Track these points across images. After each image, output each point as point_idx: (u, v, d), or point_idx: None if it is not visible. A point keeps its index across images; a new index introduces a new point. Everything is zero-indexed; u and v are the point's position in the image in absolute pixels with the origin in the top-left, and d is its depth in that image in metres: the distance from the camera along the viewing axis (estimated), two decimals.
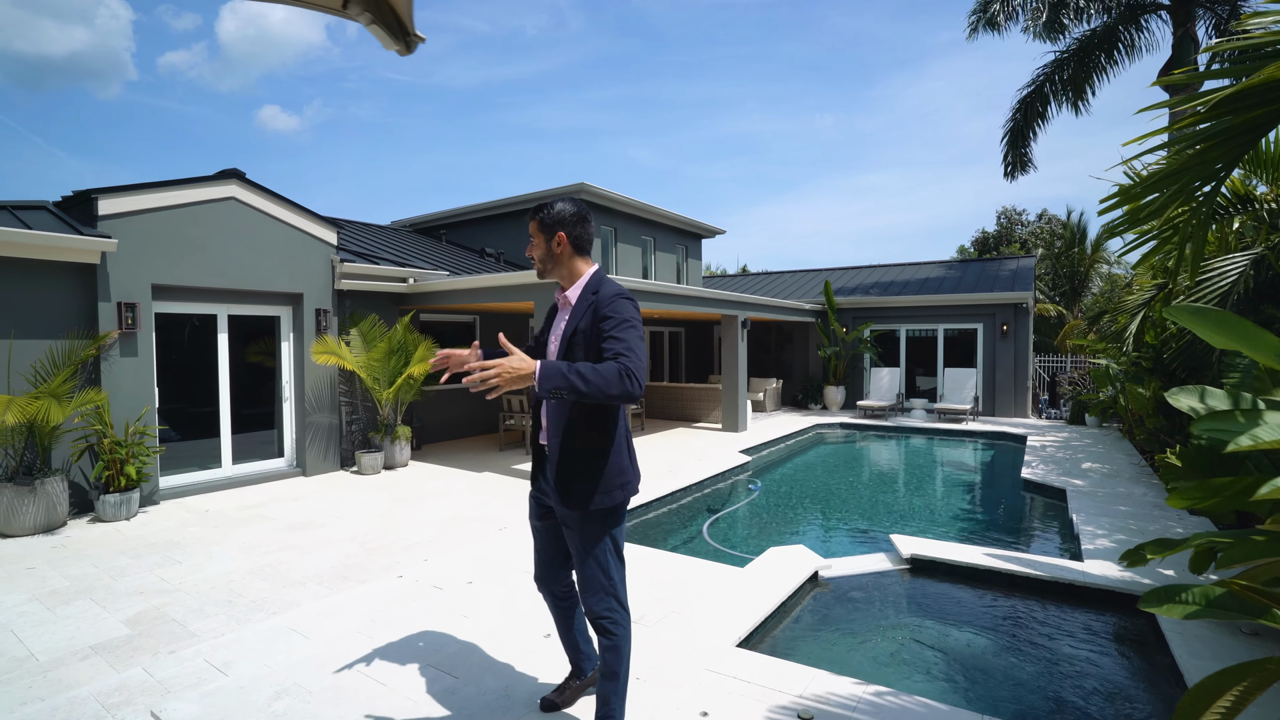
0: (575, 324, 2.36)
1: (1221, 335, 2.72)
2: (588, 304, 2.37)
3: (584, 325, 2.33)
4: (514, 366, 1.92)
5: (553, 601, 2.71)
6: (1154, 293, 8.33)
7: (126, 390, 6.50)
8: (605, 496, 2.35)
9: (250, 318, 7.92)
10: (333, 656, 3.33)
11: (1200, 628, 3.61)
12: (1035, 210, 32.85)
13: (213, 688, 3.04)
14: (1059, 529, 6.30)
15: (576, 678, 2.86)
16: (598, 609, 2.40)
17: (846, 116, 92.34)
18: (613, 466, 2.38)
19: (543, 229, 2.44)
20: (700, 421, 13.10)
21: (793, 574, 4.45)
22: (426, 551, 5.12)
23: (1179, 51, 12.34)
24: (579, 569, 2.44)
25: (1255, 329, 2.64)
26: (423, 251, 12.43)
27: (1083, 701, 3.23)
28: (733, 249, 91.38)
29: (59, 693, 3.09)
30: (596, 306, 2.33)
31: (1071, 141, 58.04)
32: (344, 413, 8.61)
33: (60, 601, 4.19)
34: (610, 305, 2.31)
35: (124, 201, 6.50)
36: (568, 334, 2.36)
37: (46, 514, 5.65)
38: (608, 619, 2.41)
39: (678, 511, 6.96)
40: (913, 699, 2.92)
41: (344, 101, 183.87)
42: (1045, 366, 15.75)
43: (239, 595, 4.31)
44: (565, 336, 2.36)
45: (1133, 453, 9.43)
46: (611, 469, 2.37)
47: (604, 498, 2.35)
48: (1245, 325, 2.67)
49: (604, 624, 2.41)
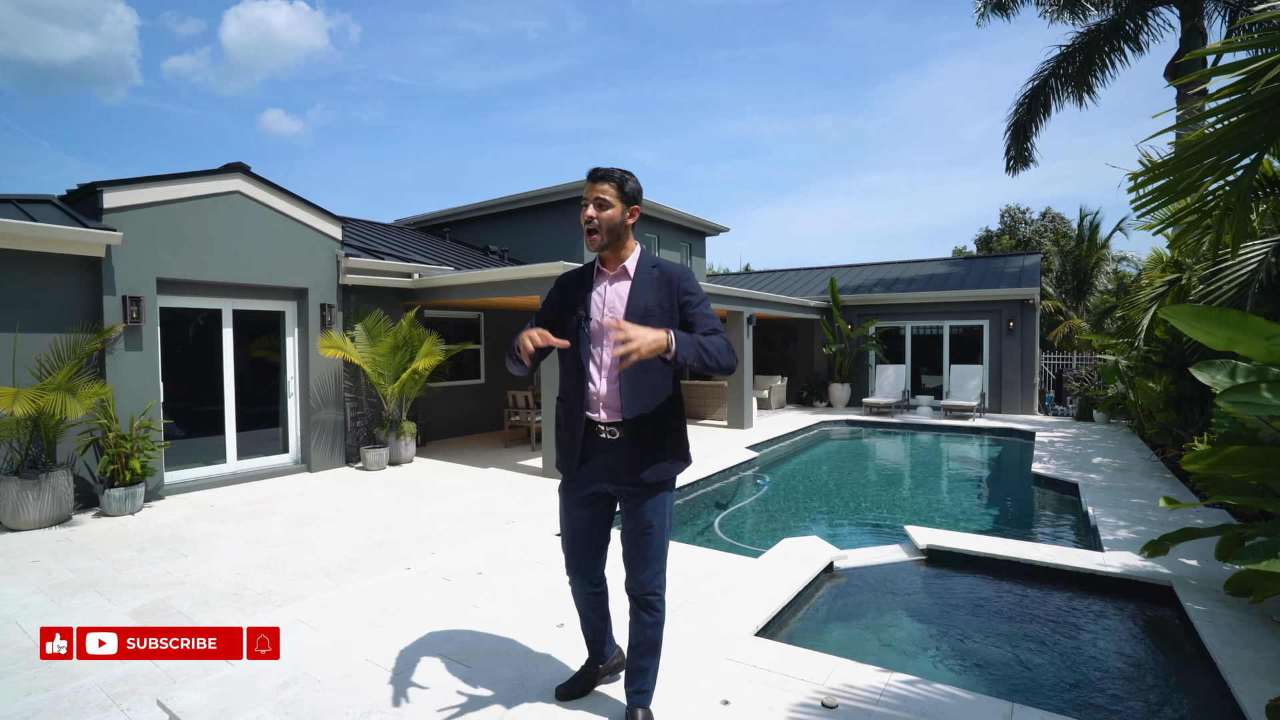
0: (646, 297, 2.30)
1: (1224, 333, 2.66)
2: (653, 278, 2.34)
3: (659, 298, 2.30)
4: (652, 337, 1.96)
5: (590, 590, 2.58)
6: (1165, 288, 8.25)
7: (131, 384, 6.45)
8: (681, 463, 2.40)
9: (255, 312, 7.86)
10: (342, 646, 3.27)
11: (1230, 615, 3.53)
12: (1039, 209, 32.77)
13: (220, 676, 2.97)
14: (1073, 521, 6.22)
15: (597, 663, 2.78)
16: (654, 584, 2.39)
17: (847, 118, 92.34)
18: (685, 433, 2.45)
19: (623, 197, 2.31)
20: (706, 418, 13.03)
21: (808, 564, 4.37)
22: (434, 545, 5.05)
23: (1187, 45, 12.26)
24: (642, 546, 2.36)
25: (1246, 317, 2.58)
26: (427, 248, 12.38)
27: (1111, 689, 3.15)
28: (735, 250, 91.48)
29: (64, 683, 3.03)
30: (670, 281, 2.32)
31: (1073, 141, 58.00)
32: (349, 409, 8.55)
33: (65, 594, 4.13)
34: (689, 281, 2.34)
35: (129, 195, 6.45)
36: (640, 306, 2.28)
37: (52, 508, 5.59)
38: (658, 595, 2.41)
39: (687, 506, 6.89)
40: (937, 687, 2.85)
41: (346, 105, 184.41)
42: (1051, 364, 15.65)
43: (245, 588, 4.24)
44: (638, 309, 2.27)
45: (1143, 448, 9.33)
46: (685, 436, 2.44)
47: (679, 464, 2.39)
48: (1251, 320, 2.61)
49: (653, 600, 2.40)
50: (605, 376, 2.31)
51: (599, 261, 2.41)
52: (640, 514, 2.34)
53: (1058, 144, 62.32)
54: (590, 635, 2.72)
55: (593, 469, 2.36)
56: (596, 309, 2.35)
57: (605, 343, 2.31)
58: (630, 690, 2.49)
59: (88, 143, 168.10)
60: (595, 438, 2.34)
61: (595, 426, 2.34)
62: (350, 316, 8.58)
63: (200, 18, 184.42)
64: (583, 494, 2.41)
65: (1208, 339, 2.72)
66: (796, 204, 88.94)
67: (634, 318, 2.24)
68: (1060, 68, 13.57)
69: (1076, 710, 2.97)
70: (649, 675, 2.47)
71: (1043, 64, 13.81)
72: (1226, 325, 2.70)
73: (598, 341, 2.33)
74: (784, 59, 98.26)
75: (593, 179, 2.30)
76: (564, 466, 2.44)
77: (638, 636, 2.44)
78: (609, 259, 2.37)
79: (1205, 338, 2.72)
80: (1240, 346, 2.62)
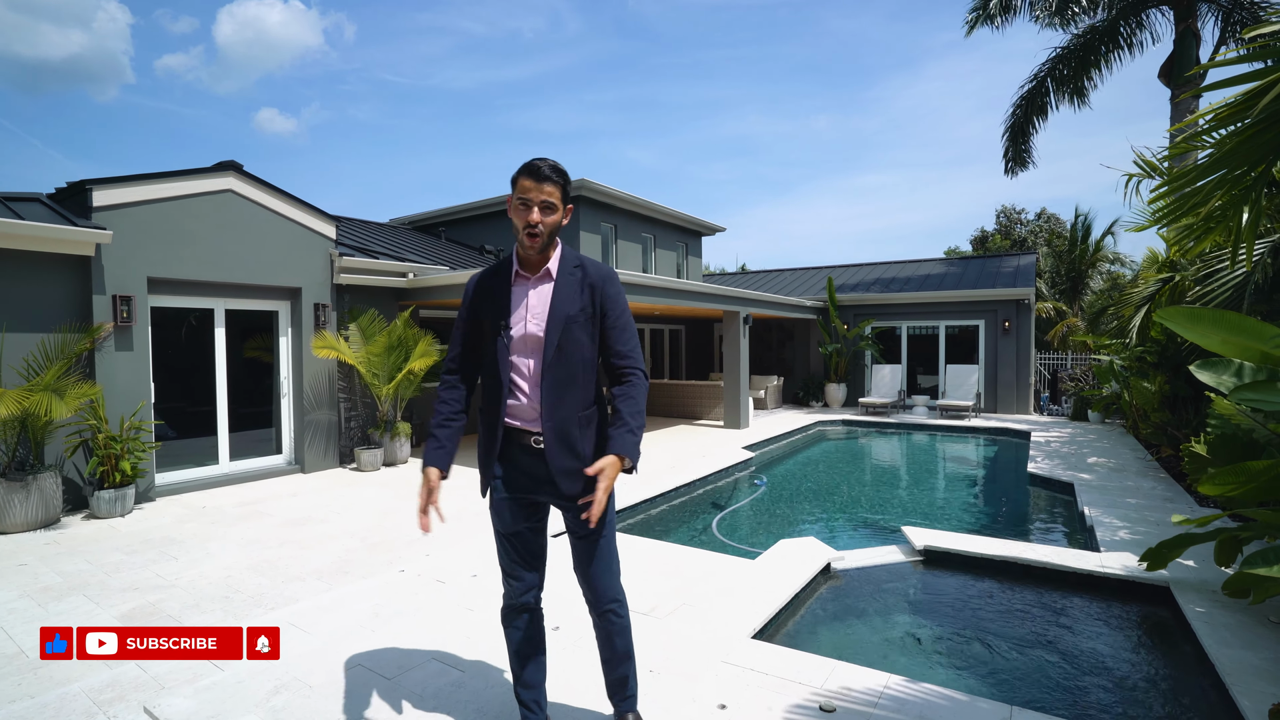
0: (568, 307, 2.14)
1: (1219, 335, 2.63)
2: (576, 279, 2.18)
3: (582, 304, 2.16)
4: (611, 478, 1.99)
5: (532, 623, 2.37)
6: (1159, 286, 8.25)
7: (122, 385, 6.38)
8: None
9: (248, 312, 7.79)
10: (334, 650, 3.22)
11: (1228, 617, 3.52)
12: (1034, 209, 32.86)
13: (209, 682, 2.93)
14: (1070, 521, 6.21)
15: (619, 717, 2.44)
16: (614, 591, 2.29)
17: (844, 118, 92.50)
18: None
19: (564, 199, 2.13)
20: (702, 419, 13.00)
21: (805, 566, 4.35)
22: (428, 546, 5.01)
23: (1181, 47, 12.29)
24: (596, 556, 2.24)
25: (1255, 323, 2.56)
26: (422, 248, 12.32)
27: (1109, 691, 3.13)
28: (732, 250, 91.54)
29: (49, 689, 2.97)
30: (594, 285, 2.18)
31: (1069, 142, 58.26)
32: (343, 409, 8.49)
33: (52, 598, 4.07)
34: (612, 286, 2.21)
35: (119, 193, 6.38)
36: (561, 316, 2.13)
37: (40, 510, 5.52)
38: (620, 600, 2.31)
39: (683, 507, 6.86)
40: (935, 689, 2.82)
41: (342, 104, 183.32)
42: (1047, 364, 15.69)
43: (236, 591, 4.19)
44: (560, 319, 2.13)
45: (1138, 447, 9.35)
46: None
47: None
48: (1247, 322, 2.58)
49: (617, 607, 2.29)
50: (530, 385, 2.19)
51: (518, 263, 2.21)
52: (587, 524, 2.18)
53: (1054, 145, 62.59)
54: (531, 694, 2.41)
55: (530, 477, 2.23)
56: (519, 316, 2.17)
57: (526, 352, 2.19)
58: (618, 700, 2.39)
59: (80, 141, 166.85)
60: (527, 445, 2.21)
61: (525, 434, 2.21)
62: (344, 316, 8.52)
63: (194, 16, 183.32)
64: (521, 505, 2.28)
65: (1204, 341, 2.70)
66: (793, 204, 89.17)
67: (555, 329, 2.12)
68: (1056, 69, 13.60)
69: (1075, 712, 2.95)
70: (632, 682, 2.39)
71: (1038, 66, 13.83)
72: (1221, 327, 2.68)
73: (520, 351, 2.18)
74: (781, 59, 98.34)
75: (538, 178, 2.07)
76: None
77: (615, 644, 2.33)
78: (534, 261, 2.18)
79: (1200, 339, 2.70)
80: (1234, 349, 2.60)
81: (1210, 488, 2.80)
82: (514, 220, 2.14)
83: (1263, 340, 2.57)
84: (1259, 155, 2.26)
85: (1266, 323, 2.58)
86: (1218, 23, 12.59)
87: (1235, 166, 2.32)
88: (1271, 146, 2.21)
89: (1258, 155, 2.26)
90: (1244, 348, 2.63)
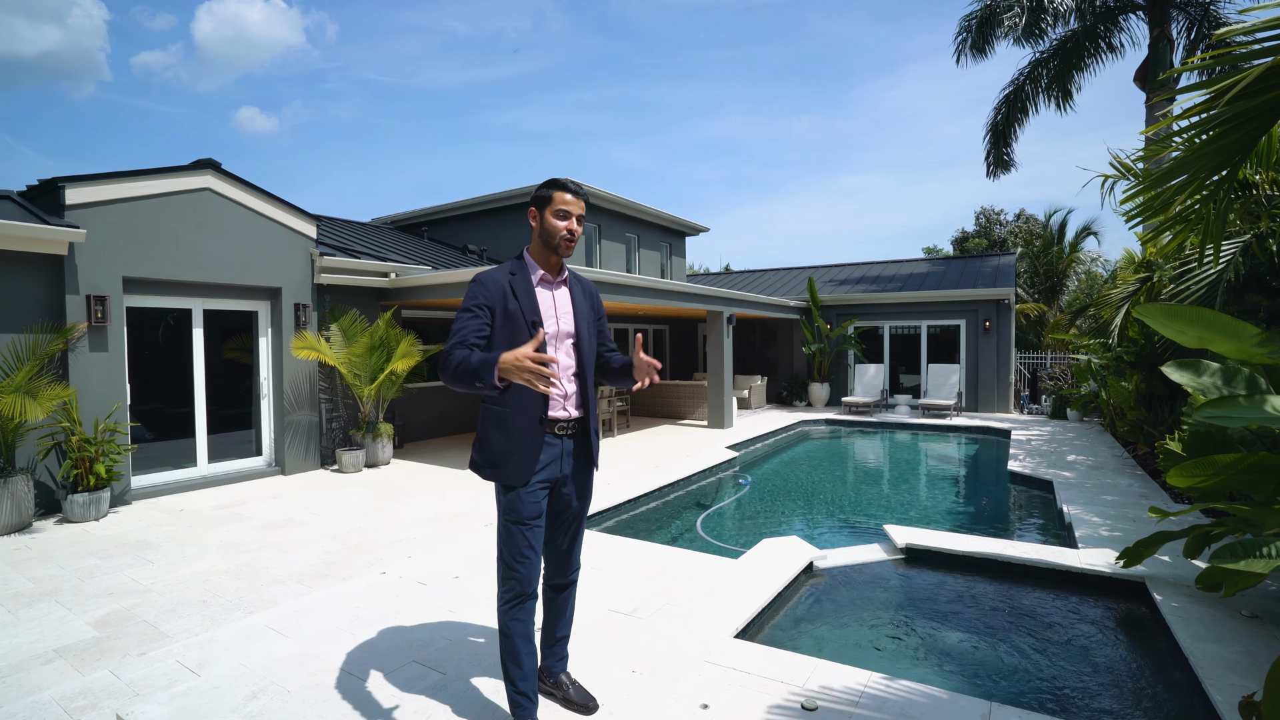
0: (584, 309, 2.53)
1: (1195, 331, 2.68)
2: (580, 288, 2.56)
3: (591, 308, 2.57)
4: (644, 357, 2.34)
5: (533, 610, 2.47)
6: (1137, 286, 8.39)
7: (96, 386, 6.26)
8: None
9: (227, 312, 7.68)
10: (313, 654, 3.18)
11: (1201, 611, 3.59)
12: (1013, 210, 33.31)
13: (184, 689, 2.88)
14: (1049, 519, 6.29)
15: (554, 678, 2.73)
16: (580, 559, 2.66)
17: (826, 119, 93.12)
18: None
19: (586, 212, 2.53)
20: (686, 418, 13.02)
21: (788, 565, 4.37)
22: (410, 548, 4.97)
23: (1155, 51, 12.52)
24: (579, 530, 2.60)
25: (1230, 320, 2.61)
26: (404, 248, 12.22)
27: (1086, 685, 3.18)
28: (716, 250, 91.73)
29: (18, 698, 2.91)
30: (590, 296, 2.60)
31: (1048, 145, 59.10)
32: (324, 410, 8.39)
33: (23, 604, 3.98)
34: (598, 296, 2.65)
35: (93, 191, 6.26)
36: (585, 316, 2.52)
37: (11, 514, 5.40)
38: (580, 566, 2.69)
39: (665, 507, 6.86)
40: (916, 687, 2.85)
41: (324, 103, 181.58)
42: (1026, 362, 15.90)
43: (214, 595, 4.13)
44: (585, 318, 2.51)
45: (1115, 445, 9.50)
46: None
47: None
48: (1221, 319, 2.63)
49: (579, 574, 2.68)
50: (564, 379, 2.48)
51: (538, 268, 2.45)
52: (583, 504, 2.63)
53: (1033, 147, 63.46)
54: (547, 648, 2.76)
55: (565, 460, 2.49)
56: (549, 315, 2.41)
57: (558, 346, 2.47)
58: (558, 659, 2.71)
59: (54, 138, 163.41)
60: (581, 429, 2.52)
61: (572, 421, 2.48)
62: (326, 316, 8.43)
63: (171, 13, 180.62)
64: (545, 490, 2.44)
65: (1180, 337, 2.74)
66: (777, 204, 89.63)
67: (584, 326, 2.49)
68: (1036, 73, 13.80)
69: (1053, 707, 2.99)
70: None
71: (1018, 71, 14.04)
72: (1198, 323, 2.72)
73: (553, 347, 2.43)
74: (764, 60, 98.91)
75: (577, 194, 2.41)
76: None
77: (568, 607, 2.68)
78: (555, 265, 2.47)
79: (1177, 336, 2.74)
80: (1212, 344, 2.65)
81: (1179, 479, 2.85)
82: (548, 227, 2.39)
83: (1238, 338, 2.61)
84: (1223, 158, 2.30)
85: (1241, 320, 2.62)
86: (1184, 29, 12.87)
87: (1201, 168, 2.37)
88: (1237, 148, 2.25)
89: (1222, 157, 2.30)
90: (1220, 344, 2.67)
